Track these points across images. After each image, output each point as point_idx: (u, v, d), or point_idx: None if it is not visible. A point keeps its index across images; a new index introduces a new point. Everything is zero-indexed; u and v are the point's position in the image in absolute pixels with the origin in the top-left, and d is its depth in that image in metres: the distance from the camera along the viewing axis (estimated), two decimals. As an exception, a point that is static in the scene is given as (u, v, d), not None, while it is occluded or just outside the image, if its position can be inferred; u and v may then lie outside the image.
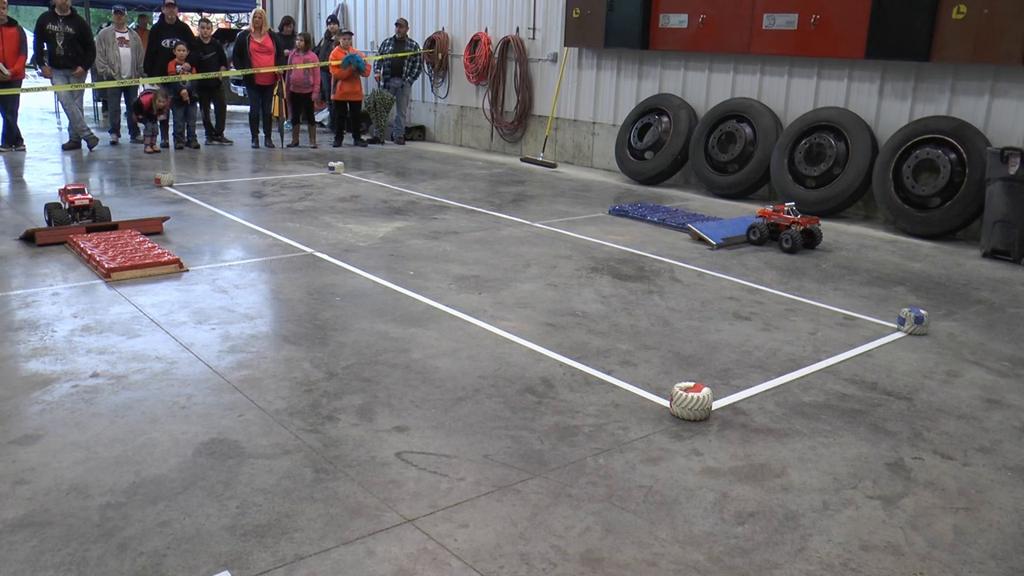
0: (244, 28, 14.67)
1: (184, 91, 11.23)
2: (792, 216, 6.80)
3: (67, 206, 6.66)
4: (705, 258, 6.39)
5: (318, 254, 6.11)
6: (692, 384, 3.61)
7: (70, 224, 6.44)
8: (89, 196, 6.75)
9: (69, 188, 6.85)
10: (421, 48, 13.11)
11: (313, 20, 16.25)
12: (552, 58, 11.48)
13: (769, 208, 7.01)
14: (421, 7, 13.52)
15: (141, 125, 11.33)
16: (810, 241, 6.81)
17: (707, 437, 3.41)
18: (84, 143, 11.11)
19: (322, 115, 14.18)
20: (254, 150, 11.83)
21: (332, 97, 12.81)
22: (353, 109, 12.64)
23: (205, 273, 5.54)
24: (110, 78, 11.31)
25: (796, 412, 3.69)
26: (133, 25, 13.23)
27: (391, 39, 12.99)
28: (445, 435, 3.34)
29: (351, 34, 12.94)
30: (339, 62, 12.00)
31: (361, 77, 12.45)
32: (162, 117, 11.15)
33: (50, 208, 6.67)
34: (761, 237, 6.88)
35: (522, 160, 11.67)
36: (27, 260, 5.71)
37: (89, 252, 5.64)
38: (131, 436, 3.23)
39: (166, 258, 5.56)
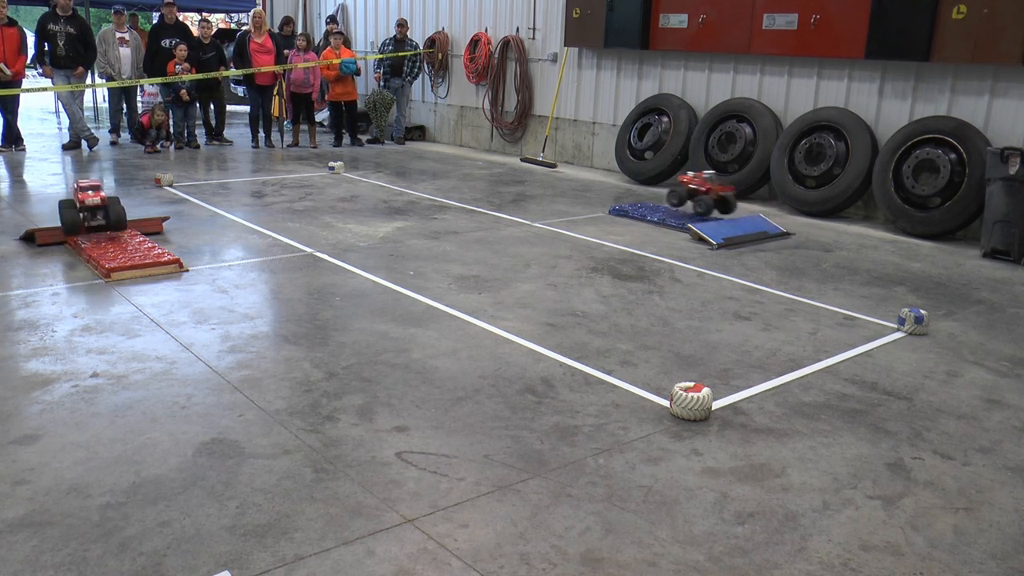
0: (244, 28, 14.67)
1: (184, 91, 11.24)
2: (709, 183, 7.50)
3: (79, 205, 6.10)
4: (705, 258, 6.39)
5: (318, 254, 6.11)
6: (692, 384, 3.61)
7: (81, 226, 6.03)
8: (102, 194, 6.13)
9: (82, 185, 6.17)
10: (421, 48, 13.11)
11: (313, 20, 16.25)
12: (552, 58, 11.48)
13: (690, 174, 7.69)
14: (421, 7, 13.52)
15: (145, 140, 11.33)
16: (724, 207, 7.50)
17: (707, 437, 3.41)
18: (84, 143, 11.11)
19: (322, 115, 14.19)
20: (254, 150, 11.83)
21: (327, 98, 12.82)
22: (348, 109, 12.64)
23: (205, 273, 5.54)
24: (110, 78, 11.31)
25: (796, 412, 3.69)
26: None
27: (391, 39, 12.99)
28: (445, 435, 3.34)
29: (341, 34, 12.92)
30: (330, 62, 12.03)
31: (356, 76, 12.46)
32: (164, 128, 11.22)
33: (63, 206, 6.10)
34: (680, 200, 7.70)
35: (522, 160, 11.67)
36: (27, 260, 5.71)
37: (89, 252, 5.64)
38: (131, 436, 3.23)
39: (166, 258, 5.56)
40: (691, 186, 7.58)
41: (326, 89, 12.80)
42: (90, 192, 6.05)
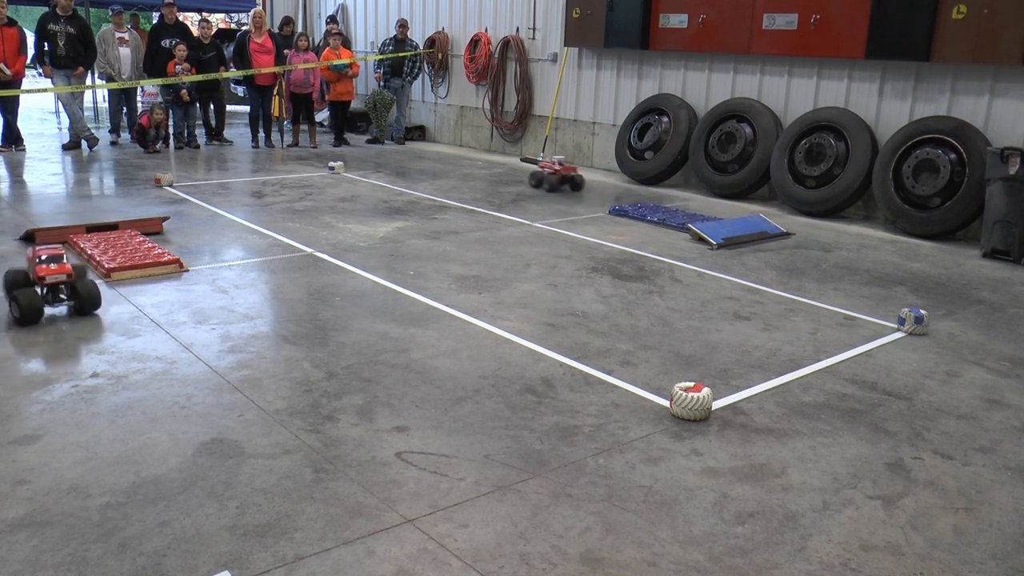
0: (244, 28, 14.68)
1: (184, 91, 11.23)
2: (556, 166, 9.12)
3: (39, 283, 4.47)
4: (705, 258, 6.39)
5: (318, 254, 6.11)
6: (692, 384, 3.61)
7: (42, 313, 4.47)
8: (68, 265, 4.54)
9: (41, 254, 4.52)
10: (421, 48, 13.10)
11: (313, 20, 16.25)
12: (552, 58, 11.48)
13: (542, 159, 9.43)
14: (421, 7, 13.52)
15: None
16: (572, 185, 9.12)
17: (707, 437, 3.41)
18: (84, 143, 11.11)
19: (322, 115, 14.19)
20: (254, 150, 11.83)
21: (327, 98, 12.82)
22: (343, 108, 12.65)
23: (205, 273, 5.54)
24: (110, 78, 11.31)
25: (796, 412, 3.69)
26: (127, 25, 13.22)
27: (391, 39, 12.99)
28: (445, 435, 3.34)
29: (339, 35, 12.92)
30: (329, 63, 12.08)
31: (353, 77, 12.50)
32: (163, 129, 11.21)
33: (11, 282, 4.46)
34: (537, 182, 9.27)
35: (522, 160, 11.67)
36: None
37: (89, 252, 5.64)
38: (131, 436, 3.23)
39: (166, 258, 5.56)
40: (544, 170, 9.17)
41: (326, 89, 12.82)
42: (52, 265, 4.47)
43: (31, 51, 11.26)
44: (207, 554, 2.50)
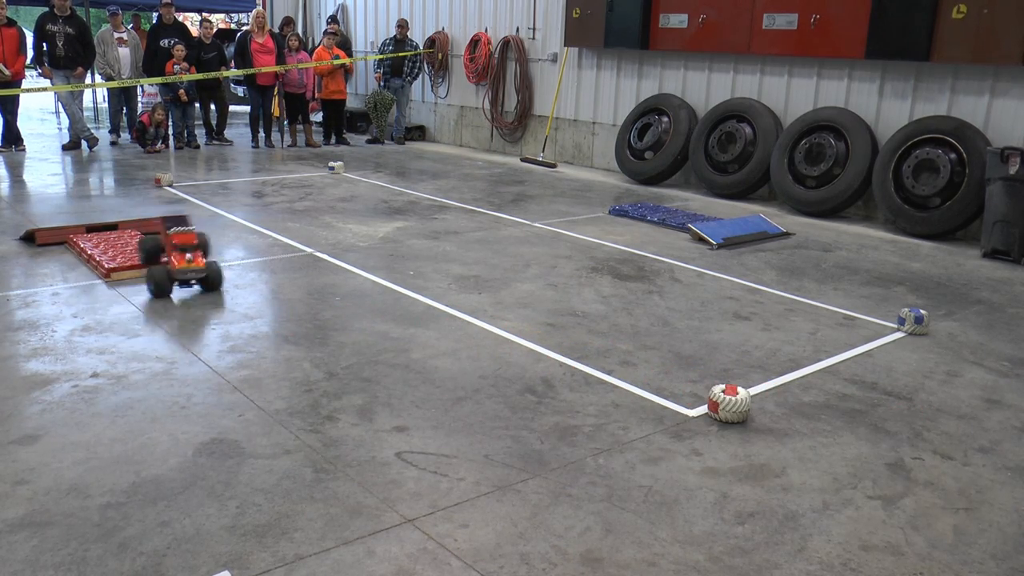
0: (244, 28, 14.68)
1: (182, 91, 11.23)
2: None
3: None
4: (705, 258, 6.39)
5: (318, 254, 6.11)
6: (724, 387, 3.57)
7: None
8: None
9: None
10: (421, 48, 13.10)
11: (313, 20, 16.25)
12: (552, 58, 11.48)
13: None
14: (421, 7, 13.52)
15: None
16: None
17: (707, 437, 3.41)
18: (84, 143, 11.11)
19: (317, 115, 14.19)
20: (254, 150, 11.83)
21: (319, 96, 12.81)
22: (338, 107, 12.65)
23: (205, 273, 5.54)
24: (109, 78, 11.31)
25: (796, 412, 3.69)
26: (128, 25, 13.23)
27: (391, 39, 12.99)
28: (445, 435, 3.34)
29: (334, 34, 12.92)
30: (322, 62, 12.10)
31: (346, 75, 12.53)
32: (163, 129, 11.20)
33: None
34: None
35: (522, 160, 11.67)
36: (27, 260, 5.71)
37: (89, 252, 5.64)
38: (131, 436, 3.23)
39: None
40: None
41: (318, 88, 12.80)
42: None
43: (31, 51, 11.26)
44: (207, 554, 2.50)
